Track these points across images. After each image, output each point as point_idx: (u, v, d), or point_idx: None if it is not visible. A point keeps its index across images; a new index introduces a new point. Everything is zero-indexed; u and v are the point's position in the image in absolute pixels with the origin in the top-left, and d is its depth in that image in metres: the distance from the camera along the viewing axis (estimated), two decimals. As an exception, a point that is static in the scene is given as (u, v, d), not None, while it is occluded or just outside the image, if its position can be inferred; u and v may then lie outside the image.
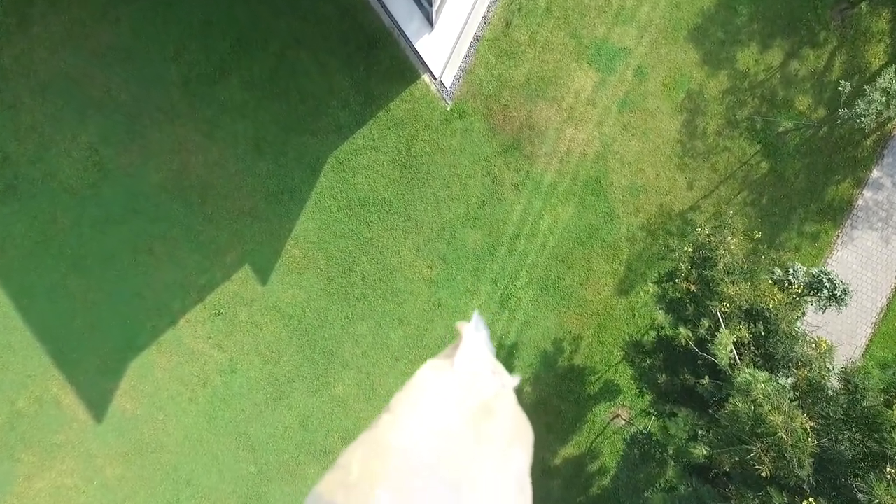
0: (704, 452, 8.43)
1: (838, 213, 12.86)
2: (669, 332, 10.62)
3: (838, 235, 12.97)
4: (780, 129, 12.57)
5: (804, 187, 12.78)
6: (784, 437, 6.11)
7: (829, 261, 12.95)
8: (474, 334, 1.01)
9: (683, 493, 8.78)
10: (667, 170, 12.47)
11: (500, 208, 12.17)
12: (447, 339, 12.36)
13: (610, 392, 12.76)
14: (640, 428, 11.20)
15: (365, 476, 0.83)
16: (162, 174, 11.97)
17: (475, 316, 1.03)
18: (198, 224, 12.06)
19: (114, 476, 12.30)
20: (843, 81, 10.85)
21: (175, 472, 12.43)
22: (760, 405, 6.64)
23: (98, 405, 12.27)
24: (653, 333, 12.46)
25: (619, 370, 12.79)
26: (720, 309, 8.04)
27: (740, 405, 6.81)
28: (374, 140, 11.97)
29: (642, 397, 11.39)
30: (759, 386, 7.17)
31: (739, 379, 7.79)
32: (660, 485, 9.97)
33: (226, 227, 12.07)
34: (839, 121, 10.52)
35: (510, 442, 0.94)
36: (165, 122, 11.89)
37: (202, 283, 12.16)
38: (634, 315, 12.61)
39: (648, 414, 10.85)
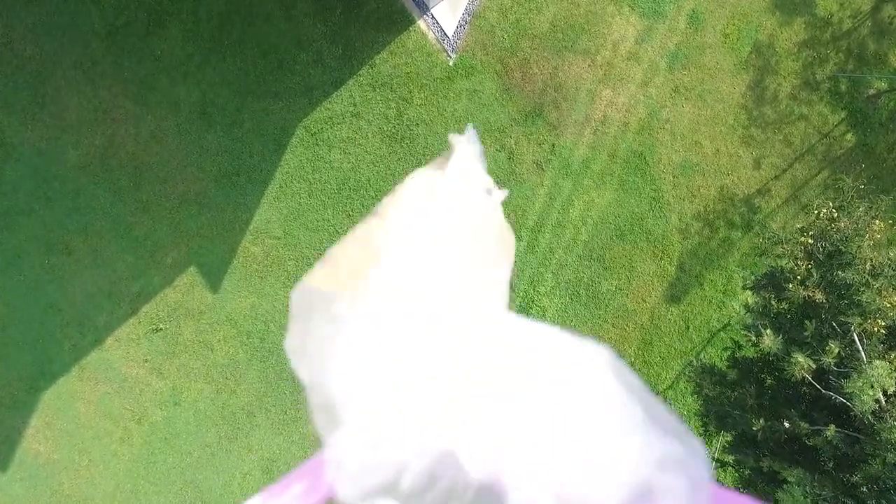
0: (833, 538, 5.78)
1: (941, 197, 10.23)
2: (749, 354, 7.98)
3: (941, 226, 10.34)
4: (871, 92, 9.94)
5: (899, 165, 10.15)
6: None
7: (929, 258, 10.32)
8: (467, 147, 0.96)
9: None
10: (728, 143, 9.82)
11: (518, 192, 9.49)
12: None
13: (657, 425, 10.08)
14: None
15: (353, 273, 0.82)
16: (82, 151, 9.27)
17: (469, 128, 0.97)
18: (129, 215, 9.37)
19: (23, 540, 9.60)
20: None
21: (103, 534, 9.74)
22: None
23: (2, 448, 9.58)
24: (713, 352, 9.82)
25: (668, 397, 10.12)
26: (863, 328, 5.37)
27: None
28: (355, 105, 9.29)
29: (707, 437, 8.72)
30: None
31: (900, 435, 5.14)
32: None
33: (165, 218, 9.38)
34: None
35: (496, 252, 0.92)
36: (85, 83, 9.21)
37: (136, 290, 9.47)
38: (688, 328, 9.95)
39: (723, 464, 8.18)
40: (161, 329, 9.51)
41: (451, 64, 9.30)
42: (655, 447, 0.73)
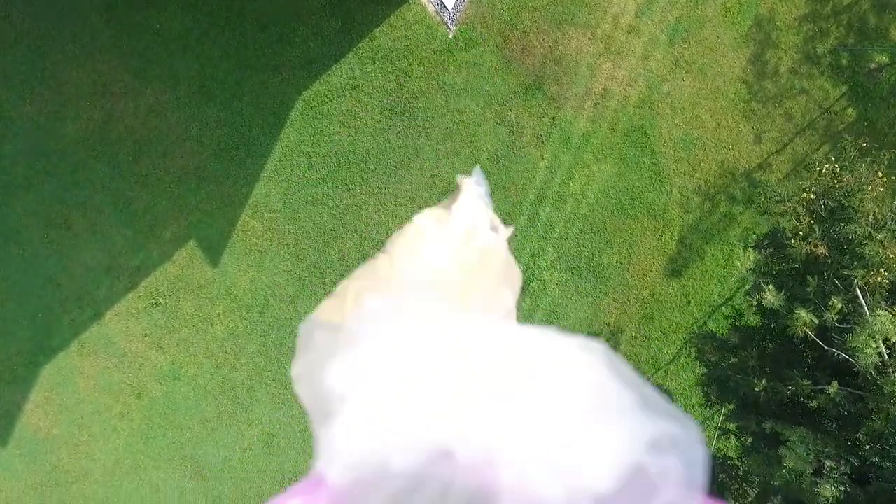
0: (836, 494, 5.76)
1: (943, 172, 10.19)
2: (753, 322, 7.96)
3: (942, 201, 10.30)
4: (872, 66, 9.90)
5: (900, 140, 10.11)
6: None
7: (931, 233, 10.28)
8: (474, 188, 1.00)
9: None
10: (729, 117, 9.79)
11: (518, 166, 9.47)
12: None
13: (658, 401, 10.04)
14: (711, 449, 8.51)
15: (357, 301, 0.85)
16: (81, 125, 9.25)
17: (476, 170, 1.03)
18: (128, 189, 9.34)
19: (22, 515, 9.57)
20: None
21: (103, 509, 9.71)
22: None
23: (1, 423, 9.55)
24: (714, 326, 9.78)
25: (669, 372, 10.09)
26: (866, 281, 5.34)
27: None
28: (354, 78, 9.26)
29: (709, 408, 8.70)
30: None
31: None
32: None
33: (164, 192, 9.35)
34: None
35: (499, 282, 0.96)
36: (84, 57, 9.19)
37: (135, 265, 9.44)
38: (689, 302, 9.91)
39: (725, 431, 8.16)
40: (160, 303, 9.49)
41: (450, 37, 9.27)
42: (648, 428, 0.73)
